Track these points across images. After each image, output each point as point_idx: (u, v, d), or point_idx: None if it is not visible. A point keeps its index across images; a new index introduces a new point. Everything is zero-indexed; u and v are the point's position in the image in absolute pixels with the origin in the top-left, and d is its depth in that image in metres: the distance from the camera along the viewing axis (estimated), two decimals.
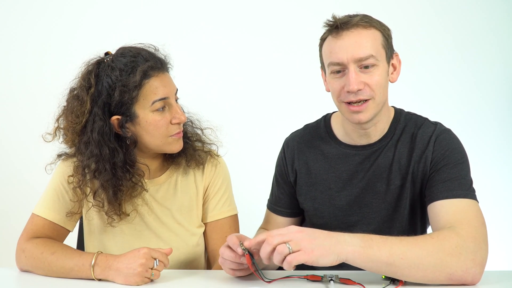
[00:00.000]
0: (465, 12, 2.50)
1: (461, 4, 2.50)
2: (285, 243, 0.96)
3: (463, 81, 2.53)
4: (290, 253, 0.95)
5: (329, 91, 1.29)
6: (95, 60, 1.25)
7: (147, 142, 1.25)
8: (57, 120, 1.26)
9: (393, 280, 1.09)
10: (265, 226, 1.46)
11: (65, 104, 1.25)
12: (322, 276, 1.11)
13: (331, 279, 1.10)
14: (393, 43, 1.27)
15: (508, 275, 1.18)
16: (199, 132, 1.39)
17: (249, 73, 2.53)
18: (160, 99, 1.21)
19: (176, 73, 1.32)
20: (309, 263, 0.96)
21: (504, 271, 1.21)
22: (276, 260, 0.97)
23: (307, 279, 1.12)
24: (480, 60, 2.51)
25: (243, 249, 1.05)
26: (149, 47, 1.28)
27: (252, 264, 1.06)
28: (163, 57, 1.28)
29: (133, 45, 1.27)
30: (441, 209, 1.14)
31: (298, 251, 0.95)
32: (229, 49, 2.52)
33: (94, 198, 1.25)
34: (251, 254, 1.06)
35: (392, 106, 1.35)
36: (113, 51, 1.26)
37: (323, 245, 0.97)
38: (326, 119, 1.41)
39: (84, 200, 1.28)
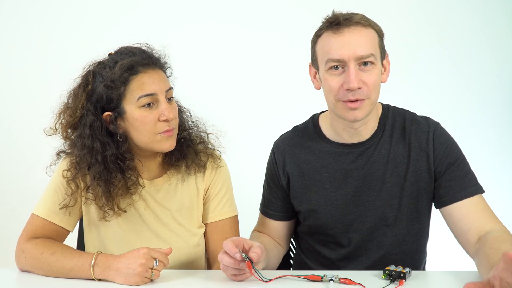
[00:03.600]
0: (462, 12, 2.50)
1: (458, 4, 2.50)
2: None
3: (461, 81, 2.53)
4: None
5: (318, 88, 1.29)
6: (97, 60, 1.28)
7: (135, 139, 1.25)
8: (58, 115, 1.28)
9: (393, 280, 1.09)
10: (259, 228, 1.45)
11: (65, 101, 1.28)
12: (322, 276, 1.11)
13: (331, 279, 1.10)
14: (391, 43, 1.27)
15: None
16: (203, 135, 1.39)
17: (252, 77, 2.53)
18: (146, 95, 1.21)
19: (179, 74, 1.32)
20: None
21: None
22: None
23: (307, 279, 1.12)
24: (478, 60, 2.51)
25: (243, 257, 1.06)
26: (145, 45, 1.29)
27: (253, 268, 1.07)
28: (158, 56, 1.28)
29: (131, 45, 1.28)
30: (461, 212, 1.21)
31: None
32: (233, 53, 2.52)
33: (87, 191, 1.26)
34: (251, 259, 1.07)
35: (379, 103, 1.35)
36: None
37: None
38: (314, 120, 1.39)
39: (81, 195, 1.28)
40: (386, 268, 1.11)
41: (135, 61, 1.21)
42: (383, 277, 1.11)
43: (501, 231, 1.16)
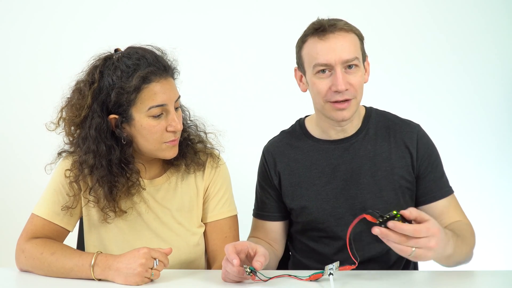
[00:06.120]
0: (462, 12, 2.49)
1: (458, 3, 2.49)
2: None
3: (460, 82, 2.52)
4: None
5: (305, 91, 1.38)
6: (103, 55, 1.25)
7: (140, 145, 1.25)
8: (61, 110, 1.27)
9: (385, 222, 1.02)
10: (254, 234, 1.46)
11: (69, 95, 1.26)
12: (322, 273, 1.10)
13: (331, 273, 1.08)
14: (389, 43, 1.30)
15: (508, 275, 1.18)
16: (202, 134, 1.39)
17: (252, 77, 2.52)
18: (157, 106, 1.20)
19: (182, 76, 1.32)
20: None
21: (504, 271, 1.21)
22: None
23: (310, 281, 1.11)
24: (477, 61, 2.51)
25: (249, 270, 1.06)
26: (157, 49, 1.27)
27: (256, 276, 1.08)
28: (169, 62, 1.26)
29: (142, 46, 1.26)
30: (436, 211, 1.33)
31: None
32: (234, 53, 2.52)
33: (89, 193, 1.26)
34: (254, 269, 1.07)
35: (362, 105, 1.42)
36: (123, 48, 1.25)
37: None
38: (300, 122, 1.47)
39: (82, 197, 1.28)
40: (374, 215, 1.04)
41: (150, 71, 1.19)
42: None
43: (465, 223, 1.31)
